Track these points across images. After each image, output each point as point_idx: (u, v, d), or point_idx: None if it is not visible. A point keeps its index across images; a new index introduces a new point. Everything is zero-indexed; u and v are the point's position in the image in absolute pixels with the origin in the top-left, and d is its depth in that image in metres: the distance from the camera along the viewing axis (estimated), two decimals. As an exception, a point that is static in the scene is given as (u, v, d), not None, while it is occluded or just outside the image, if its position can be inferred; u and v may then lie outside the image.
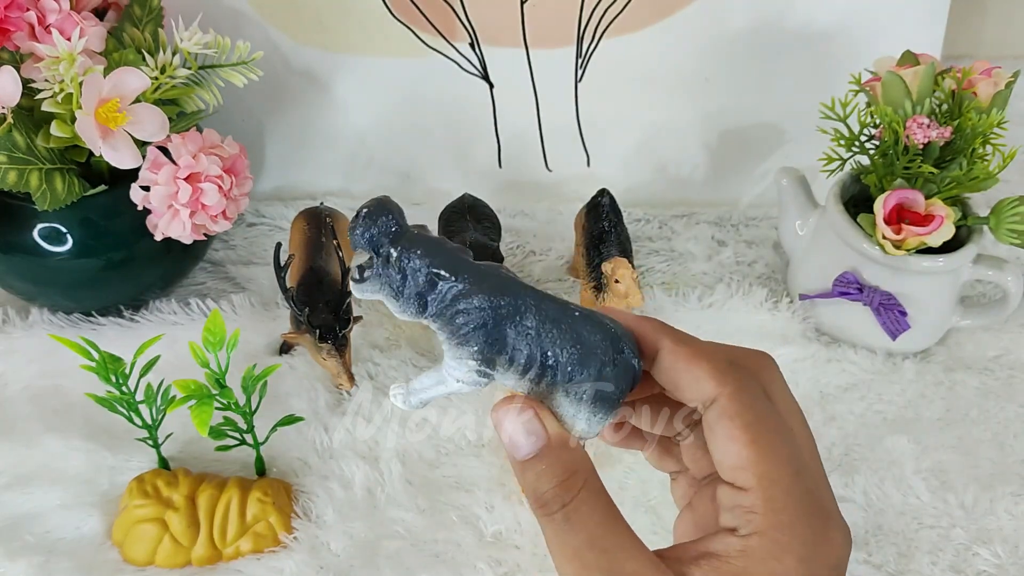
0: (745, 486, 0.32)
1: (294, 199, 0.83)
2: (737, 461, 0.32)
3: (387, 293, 0.34)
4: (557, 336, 0.34)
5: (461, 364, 0.34)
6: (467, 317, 0.33)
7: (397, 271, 0.33)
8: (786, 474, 0.32)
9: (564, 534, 0.32)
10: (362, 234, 0.34)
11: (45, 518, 0.61)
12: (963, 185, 0.66)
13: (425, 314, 0.34)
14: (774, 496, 0.31)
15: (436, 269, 0.33)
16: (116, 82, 0.60)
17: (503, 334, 0.33)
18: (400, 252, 0.33)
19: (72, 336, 0.58)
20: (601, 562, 0.31)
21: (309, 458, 0.65)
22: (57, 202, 0.62)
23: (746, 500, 0.32)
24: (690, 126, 0.83)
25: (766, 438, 0.32)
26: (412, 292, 0.34)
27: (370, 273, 0.34)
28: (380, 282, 0.34)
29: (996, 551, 0.61)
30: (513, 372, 0.34)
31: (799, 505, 0.32)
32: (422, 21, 0.78)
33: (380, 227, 0.34)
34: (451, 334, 0.34)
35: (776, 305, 0.75)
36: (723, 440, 0.32)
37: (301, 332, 0.64)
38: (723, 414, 0.33)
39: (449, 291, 0.33)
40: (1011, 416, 0.69)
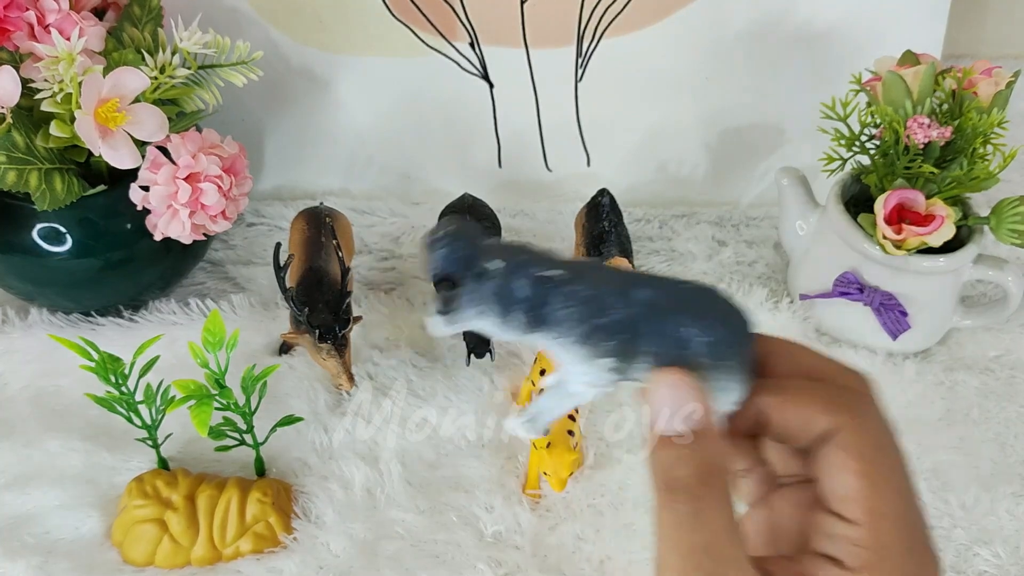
0: (854, 519, 0.30)
1: (294, 199, 0.83)
2: (847, 492, 0.31)
3: (491, 314, 0.31)
4: (684, 313, 0.31)
5: (593, 367, 0.31)
6: (589, 315, 0.30)
7: (498, 282, 0.30)
8: (896, 510, 0.31)
9: (684, 528, 0.30)
10: (447, 257, 0.30)
11: (45, 518, 0.61)
12: (964, 185, 0.65)
13: (541, 327, 0.31)
14: (883, 532, 0.30)
15: (544, 272, 0.30)
16: (115, 82, 0.60)
17: (631, 323, 0.31)
18: (499, 262, 0.30)
19: (71, 336, 0.58)
20: (712, 568, 0.30)
21: (309, 458, 0.65)
22: (56, 202, 0.62)
23: (853, 533, 0.30)
24: (690, 126, 0.83)
25: (879, 470, 0.31)
26: (519, 304, 0.30)
27: (461, 302, 0.30)
28: (478, 305, 0.30)
29: (997, 551, 0.61)
30: (645, 362, 0.31)
31: (906, 543, 0.31)
32: (422, 21, 0.78)
33: (466, 243, 0.31)
34: (576, 339, 0.31)
35: (776, 305, 0.75)
36: (834, 469, 0.31)
37: (301, 332, 0.64)
38: (838, 445, 0.31)
39: (563, 290, 0.30)
40: (1012, 416, 0.69)
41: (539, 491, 0.63)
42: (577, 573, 0.60)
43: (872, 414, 0.32)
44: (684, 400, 0.31)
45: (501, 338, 0.32)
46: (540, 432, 0.34)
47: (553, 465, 0.59)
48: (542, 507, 0.63)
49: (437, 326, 0.31)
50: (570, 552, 0.61)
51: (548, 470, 0.60)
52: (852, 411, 0.32)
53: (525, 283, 0.30)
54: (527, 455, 0.64)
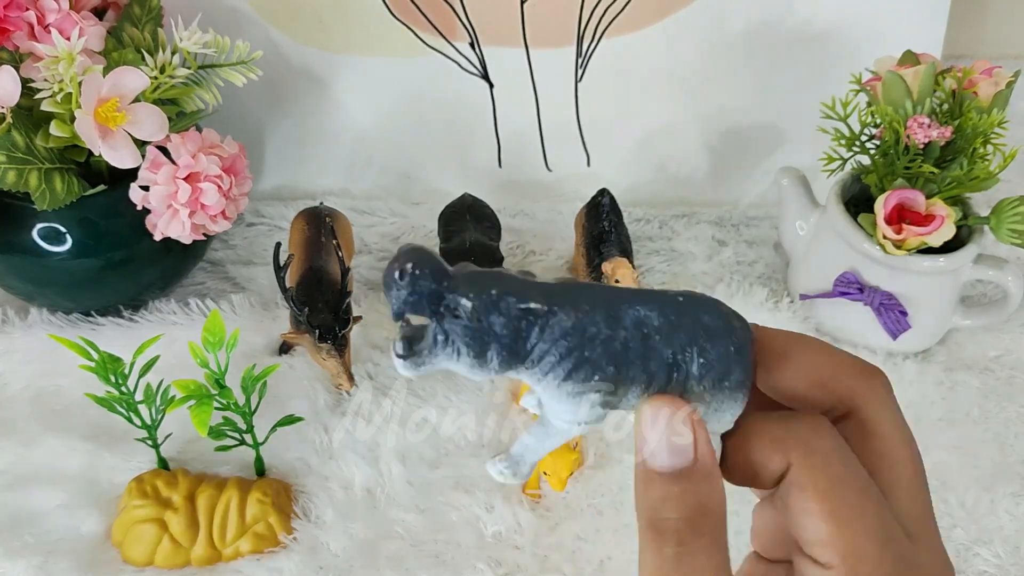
0: (827, 563, 0.28)
1: (294, 199, 0.83)
2: (816, 536, 0.28)
3: (465, 355, 0.28)
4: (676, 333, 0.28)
5: (580, 404, 0.28)
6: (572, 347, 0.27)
7: (473, 320, 0.27)
8: (872, 547, 0.28)
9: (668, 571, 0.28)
10: (411, 294, 0.27)
11: (45, 518, 0.61)
12: (964, 185, 0.65)
13: (520, 364, 0.28)
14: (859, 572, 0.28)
15: (524, 303, 0.27)
16: (115, 82, 0.60)
17: (620, 351, 0.28)
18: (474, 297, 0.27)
19: (71, 336, 0.58)
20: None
21: (309, 458, 0.65)
22: (56, 202, 0.62)
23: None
24: (690, 126, 0.83)
25: (846, 507, 0.28)
26: (498, 345, 0.27)
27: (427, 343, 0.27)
28: (451, 346, 0.27)
29: (997, 551, 0.61)
30: (636, 391, 0.28)
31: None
32: (422, 21, 0.78)
33: (431, 279, 0.27)
34: (560, 376, 0.28)
35: (776, 305, 0.75)
36: (799, 513, 0.28)
37: (301, 332, 0.64)
38: (793, 486, 0.28)
39: (546, 323, 0.27)
40: (1012, 416, 0.69)
41: (539, 491, 0.63)
42: (577, 573, 0.60)
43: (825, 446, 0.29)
44: (676, 431, 0.28)
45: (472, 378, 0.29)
46: (523, 477, 0.31)
47: (553, 465, 0.59)
48: (542, 507, 0.63)
49: (402, 371, 0.28)
50: (570, 552, 0.61)
51: (548, 470, 0.60)
52: (803, 447, 0.28)
53: (501, 319, 0.27)
54: (527, 455, 0.64)
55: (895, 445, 0.31)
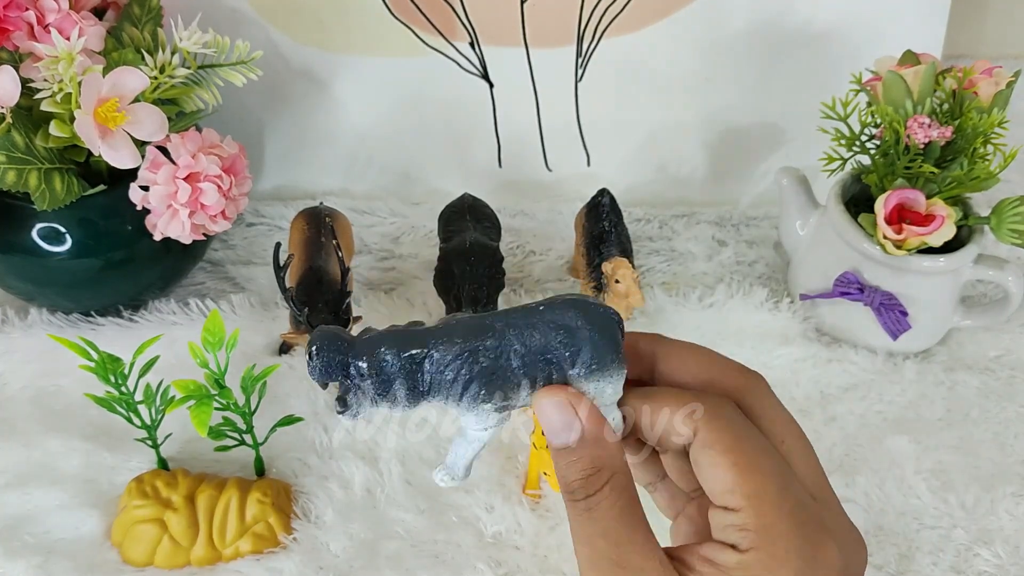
0: (736, 507, 0.33)
1: (294, 199, 0.83)
2: (723, 485, 0.33)
3: (380, 401, 0.34)
4: (540, 336, 0.34)
5: (480, 414, 0.35)
6: (459, 372, 0.34)
7: (376, 377, 0.34)
8: (772, 489, 0.33)
9: (584, 521, 0.34)
10: (325, 368, 0.34)
11: (44, 518, 0.61)
12: (964, 185, 0.65)
13: (424, 396, 0.35)
14: (764, 513, 0.33)
15: (406, 352, 0.34)
16: (115, 82, 0.60)
17: (498, 365, 0.34)
18: (367, 359, 0.34)
19: (71, 336, 0.58)
20: (612, 553, 0.33)
21: (309, 458, 0.65)
22: (56, 202, 0.62)
23: (738, 520, 0.33)
24: (690, 126, 0.83)
25: (747, 457, 0.34)
26: (399, 386, 0.34)
27: (353, 397, 0.34)
28: (366, 397, 0.34)
29: (997, 551, 0.61)
30: (525, 390, 0.35)
31: (791, 519, 0.33)
32: (422, 21, 0.78)
33: (334, 352, 0.34)
34: (457, 396, 0.35)
35: (777, 305, 0.75)
36: (707, 468, 0.34)
37: (300, 332, 0.64)
38: (702, 444, 0.34)
39: (429, 361, 0.34)
40: (1012, 416, 0.69)
41: (539, 491, 0.63)
42: (577, 573, 0.60)
43: (727, 411, 0.34)
44: (564, 412, 0.34)
45: (400, 414, 0.35)
46: (461, 479, 0.37)
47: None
48: (542, 507, 0.63)
49: (346, 421, 0.36)
50: (570, 552, 0.60)
51: (548, 470, 0.60)
52: (708, 411, 0.34)
53: (394, 368, 0.34)
54: (527, 455, 0.64)
55: (783, 424, 0.36)
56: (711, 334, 0.73)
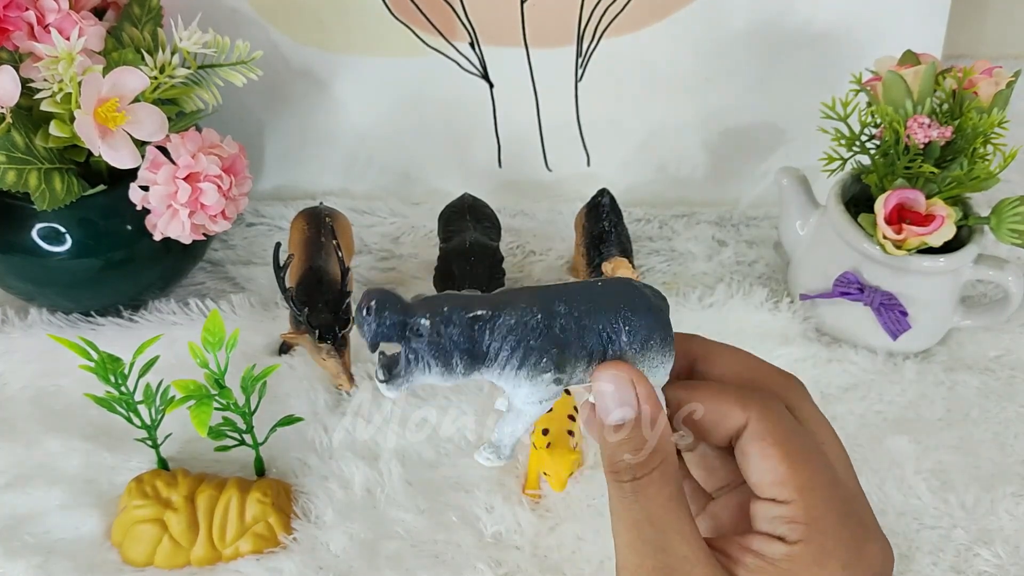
0: (786, 499, 0.33)
1: (294, 199, 0.83)
2: (774, 477, 0.34)
3: (433, 367, 0.33)
4: (601, 311, 0.34)
5: (538, 384, 0.34)
6: (522, 338, 0.33)
7: (436, 339, 0.32)
8: (822, 484, 0.34)
9: (629, 504, 0.33)
10: (381, 327, 0.32)
11: (44, 518, 0.61)
12: (964, 185, 0.65)
13: (482, 364, 0.33)
14: (813, 506, 0.33)
15: (471, 312, 0.32)
16: (115, 82, 0.60)
17: (561, 335, 0.33)
18: (429, 317, 0.32)
19: (71, 336, 0.58)
20: (656, 539, 0.33)
21: (308, 458, 0.65)
22: (56, 202, 0.62)
23: (788, 512, 0.33)
24: (690, 126, 0.83)
25: (798, 452, 0.34)
26: (459, 351, 0.32)
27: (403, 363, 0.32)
28: (419, 363, 0.32)
29: (997, 551, 0.61)
30: (582, 364, 0.34)
31: (838, 513, 0.33)
32: (422, 21, 0.78)
33: (392, 310, 0.32)
34: (516, 364, 0.33)
35: (776, 305, 0.75)
36: (758, 460, 0.34)
37: (300, 332, 0.64)
38: (753, 436, 0.34)
39: (492, 326, 0.33)
40: (1012, 416, 0.69)
41: (539, 491, 0.63)
42: (577, 573, 0.60)
43: (778, 407, 0.35)
44: (624, 389, 0.34)
45: (447, 385, 0.33)
46: (508, 458, 0.36)
47: (553, 465, 0.59)
48: (542, 507, 0.63)
49: (386, 392, 0.33)
50: (570, 552, 0.60)
51: (548, 470, 0.60)
52: (761, 404, 0.35)
53: (455, 330, 0.32)
54: (527, 455, 0.64)
55: (822, 427, 0.36)
56: (711, 334, 0.72)
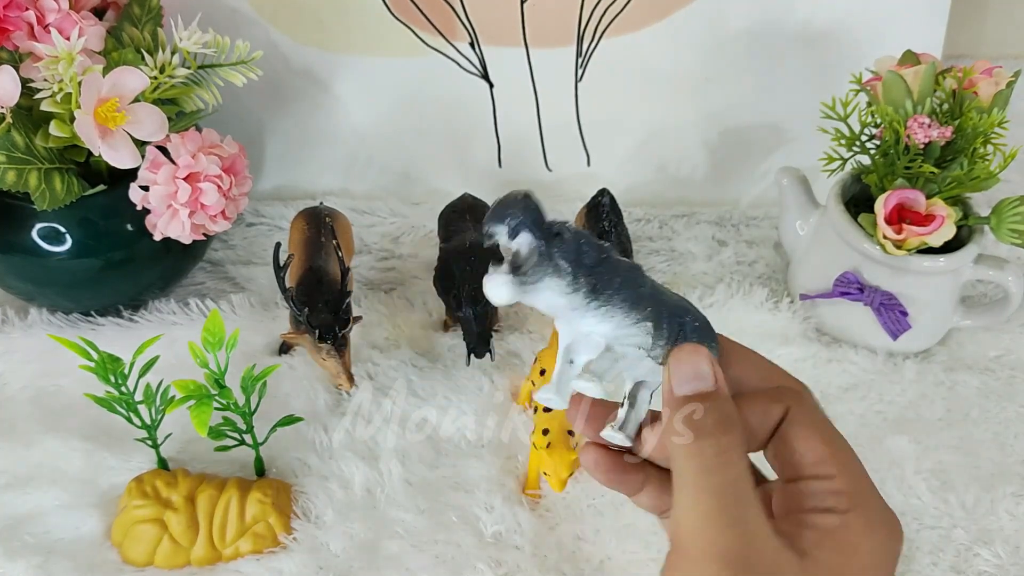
0: (831, 474, 0.36)
1: (294, 199, 0.83)
2: (816, 457, 0.36)
3: (565, 274, 0.32)
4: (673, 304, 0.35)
5: (641, 329, 0.34)
6: (634, 282, 0.33)
7: (573, 244, 0.31)
8: (855, 461, 0.37)
9: (712, 469, 0.34)
10: (524, 213, 0.31)
11: (44, 518, 0.61)
12: (964, 185, 0.65)
13: (598, 296, 0.33)
14: (855, 479, 0.36)
15: (601, 245, 0.32)
16: (115, 81, 0.60)
17: (655, 295, 0.35)
18: (569, 227, 0.32)
19: (71, 336, 0.58)
20: (735, 509, 0.33)
21: (309, 458, 0.65)
22: (56, 202, 0.62)
23: (833, 485, 0.35)
24: (690, 126, 0.83)
25: (832, 435, 0.37)
26: (587, 266, 0.32)
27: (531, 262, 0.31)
28: (553, 264, 0.32)
29: (997, 551, 0.61)
30: (661, 341, 0.35)
31: (874, 491, 0.36)
32: (422, 21, 0.78)
33: (535, 205, 0.31)
34: (628, 303, 0.33)
35: (776, 305, 0.75)
36: (800, 443, 0.36)
37: (300, 332, 0.64)
38: (792, 424, 0.37)
39: (613, 260, 0.33)
40: (1012, 416, 0.69)
41: (539, 491, 0.63)
42: (577, 573, 0.60)
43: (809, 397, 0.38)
44: (702, 362, 0.35)
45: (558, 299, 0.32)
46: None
47: (553, 465, 0.59)
48: (542, 507, 0.63)
49: (505, 289, 0.32)
50: (570, 552, 0.60)
51: (548, 470, 0.60)
52: (795, 399, 0.38)
53: (591, 251, 0.32)
54: (527, 455, 0.64)
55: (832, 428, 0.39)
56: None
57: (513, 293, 0.31)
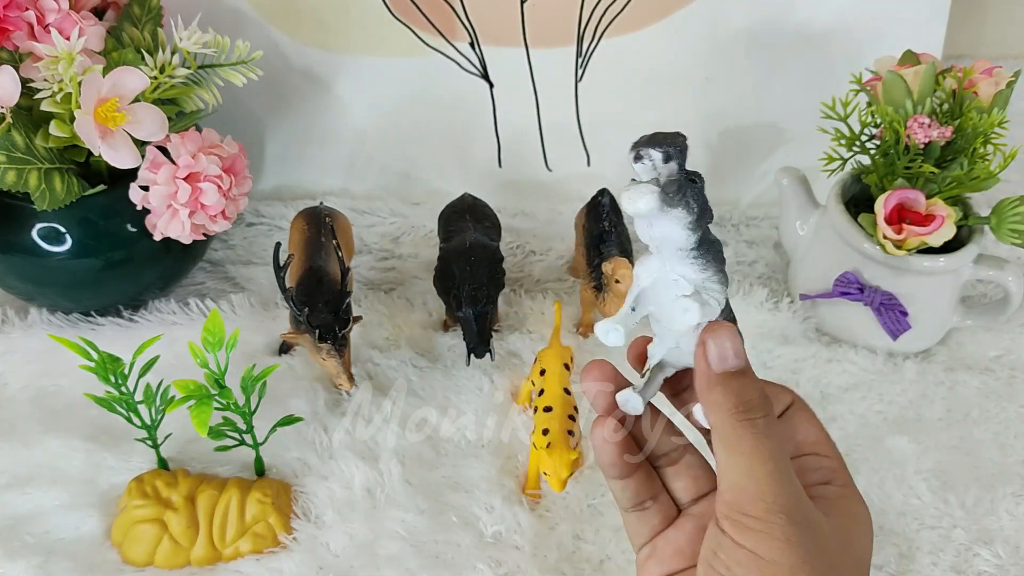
0: (827, 453, 0.41)
1: (294, 199, 0.83)
2: (817, 438, 0.41)
3: (693, 209, 0.36)
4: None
5: (723, 285, 0.38)
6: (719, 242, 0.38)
7: (703, 199, 0.36)
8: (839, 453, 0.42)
9: (765, 438, 0.37)
10: (678, 148, 0.35)
11: (45, 518, 0.61)
12: (964, 185, 0.65)
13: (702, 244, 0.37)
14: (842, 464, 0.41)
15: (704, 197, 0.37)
16: (115, 82, 0.60)
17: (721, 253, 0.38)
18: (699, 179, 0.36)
19: (71, 336, 0.58)
20: (787, 470, 0.37)
21: (309, 458, 0.65)
22: (56, 202, 0.62)
23: (829, 463, 0.41)
24: (690, 126, 0.83)
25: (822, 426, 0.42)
26: (706, 212, 0.36)
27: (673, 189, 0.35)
28: (685, 198, 0.35)
29: (997, 551, 0.61)
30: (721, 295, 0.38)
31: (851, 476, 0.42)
32: (422, 21, 0.78)
33: (686, 149, 0.36)
34: (718, 264, 0.37)
35: (777, 305, 0.75)
36: (805, 425, 0.41)
37: (300, 332, 0.64)
38: (798, 410, 0.42)
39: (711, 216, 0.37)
40: (1012, 416, 0.69)
41: (539, 491, 0.63)
42: (577, 573, 0.60)
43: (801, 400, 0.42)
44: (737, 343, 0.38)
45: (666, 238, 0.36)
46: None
47: (553, 465, 0.59)
48: (542, 507, 0.63)
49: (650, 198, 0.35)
50: (570, 552, 0.61)
51: (548, 470, 0.60)
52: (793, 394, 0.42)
53: (709, 211, 0.36)
54: (527, 455, 0.64)
55: None
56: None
57: (654, 205, 0.35)
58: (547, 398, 0.61)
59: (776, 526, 0.36)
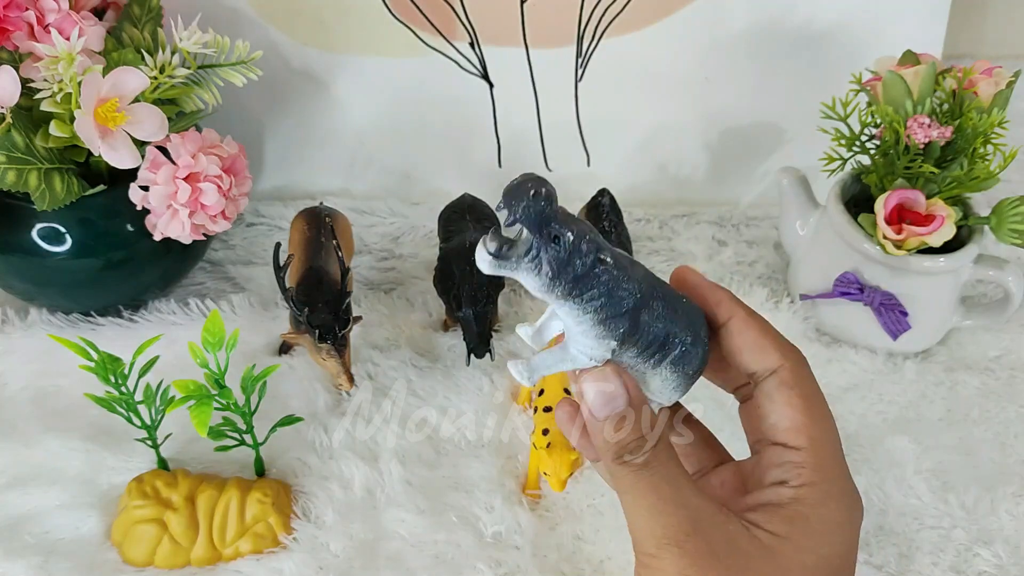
0: (798, 445, 0.37)
1: (294, 199, 0.83)
2: (792, 424, 0.37)
3: (544, 275, 0.33)
4: (676, 318, 0.36)
5: (601, 344, 0.35)
6: (616, 301, 0.34)
7: (564, 252, 0.33)
8: (831, 440, 0.38)
9: (643, 475, 0.36)
10: (526, 210, 0.32)
11: (44, 518, 0.61)
12: (964, 185, 0.65)
13: (572, 296, 0.34)
14: (821, 455, 0.37)
15: (601, 255, 0.34)
16: (115, 82, 0.60)
17: (640, 317, 0.35)
18: (572, 234, 0.33)
19: (71, 336, 0.58)
20: (675, 495, 0.35)
21: (308, 459, 0.65)
22: (56, 202, 0.62)
23: (797, 457, 0.37)
24: (690, 126, 0.83)
25: (817, 408, 0.38)
26: (570, 275, 0.33)
27: (518, 252, 0.33)
28: (537, 262, 0.33)
29: (997, 552, 0.61)
30: (636, 350, 0.36)
31: (840, 467, 0.38)
32: (422, 21, 0.78)
33: (544, 203, 0.33)
34: (599, 317, 0.35)
35: (777, 305, 0.75)
36: (781, 405, 0.38)
37: (300, 332, 0.64)
38: (783, 383, 0.38)
39: (605, 276, 0.34)
40: (1012, 416, 0.69)
41: (539, 491, 0.63)
42: (577, 573, 0.60)
43: (808, 366, 0.39)
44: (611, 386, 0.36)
45: (536, 291, 0.34)
46: (531, 383, 0.38)
47: (553, 465, 0.59)
48: (542, 507, 0.63)
49: (484, 265, 0.33)
50: (570, 552, 0.60)
51: (548, 470, 0.60)
52: (795, 357, 0.39)
53: (581, 261, 0.33)
54: (527, 455, 0.64)
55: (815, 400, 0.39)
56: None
57: (491, 270, 0.33)
58: (547, 398, 0.61)
59: (667, 561, 0.35)
